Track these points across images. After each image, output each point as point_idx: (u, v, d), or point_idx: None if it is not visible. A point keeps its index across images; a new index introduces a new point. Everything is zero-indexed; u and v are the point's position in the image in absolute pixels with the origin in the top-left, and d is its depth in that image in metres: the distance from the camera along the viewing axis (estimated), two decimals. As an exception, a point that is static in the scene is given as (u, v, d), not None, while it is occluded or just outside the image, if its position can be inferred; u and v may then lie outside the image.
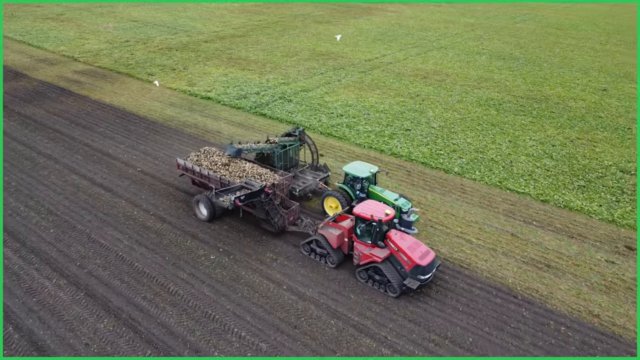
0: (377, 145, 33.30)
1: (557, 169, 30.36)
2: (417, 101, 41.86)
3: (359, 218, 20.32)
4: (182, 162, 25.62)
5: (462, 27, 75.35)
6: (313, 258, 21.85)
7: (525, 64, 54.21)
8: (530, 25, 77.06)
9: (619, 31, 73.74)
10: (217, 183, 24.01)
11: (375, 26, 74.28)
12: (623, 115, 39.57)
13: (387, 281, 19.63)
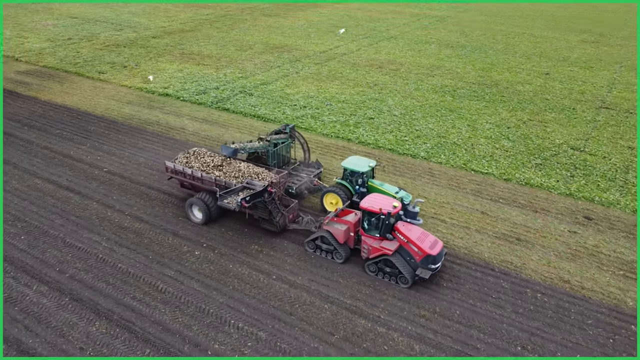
0: (344, 135, 33.98)
1: (514, 150, 32.17)
2: (376, 90, 42.86)
3: (366, 212, 20.44)
4: (171, 165, 24.56)
5: (409, 17, 77.30)
6: (319, 255, 21.60)
7: (472, 51, 56.51)
8: (471, 15, 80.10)
9: (554, 19, 77.99)
10: (211, 185, 23.31)
11: (325, 18, 74.85)
12: (567, 96, 42.22)
13: (399, 273, 19.84)
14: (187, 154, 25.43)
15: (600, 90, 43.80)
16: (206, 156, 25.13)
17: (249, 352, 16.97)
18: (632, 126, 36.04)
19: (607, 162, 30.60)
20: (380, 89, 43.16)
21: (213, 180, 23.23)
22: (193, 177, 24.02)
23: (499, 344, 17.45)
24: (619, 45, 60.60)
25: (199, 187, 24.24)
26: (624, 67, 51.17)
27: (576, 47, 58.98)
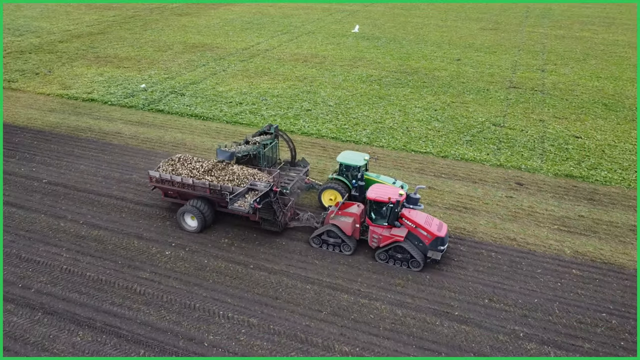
0: (286, 127, 34.76)
1: (445, 129, 34.87)
2: (306, 83, 44.00)
3: (374, 202, 21.12)
4: (156, 175, 23.26)
5: (320, 12, 79.16)
6: (325, 249, 21.88)
7: (388, 42, 59.48)
8: (379, 8, 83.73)
9: (453, 9, 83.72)
10: (204, 190, 22.59)
11: (238, 16, 74.57)
12: (479, 79, 46.12)
13: (410, 257, 20.72)
14: (171, 162, 24.27)
15: (506, 72, 48.32)
16: (194, 162, 24.28)
17: (245, 339, 17.43)
18: (540, 102, 40.35)
19: (525, 135, 34.20)
20: (310, 82, 44.36)
21: (207, 186, 22.41)
22: (183, 185, 22.96)
23: (469, 299, 19.38)
24: (514, 31, 66.75)
25: (189, 195, 23.25)
26: (522, 50, 56.65)
27: (478, 35, 64.10)
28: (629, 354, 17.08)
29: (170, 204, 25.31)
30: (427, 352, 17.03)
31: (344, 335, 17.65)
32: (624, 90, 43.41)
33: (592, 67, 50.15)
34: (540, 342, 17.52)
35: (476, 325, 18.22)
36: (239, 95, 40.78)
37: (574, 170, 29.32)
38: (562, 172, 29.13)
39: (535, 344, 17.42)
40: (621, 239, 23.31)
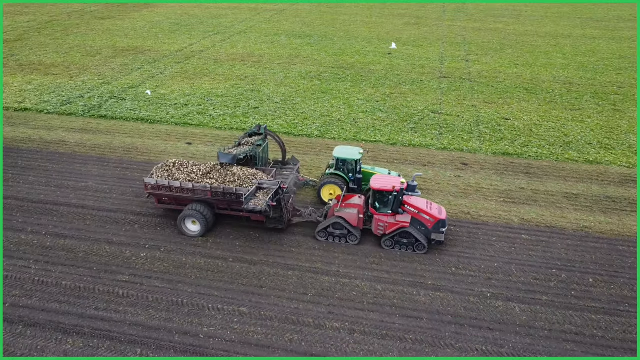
0: (237, 125, 35.17)
1: (390, 119, 36.85)
2: (248, 82, 44.42)
3: (378, 192, 22.09)
4: (152, 182, 22.70)
5: (248, 12, 79.25)
6: (331, 242, 22.50)
7: (320, 39, 61.02)
8: (305, 6, 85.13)
9: (376, 7, 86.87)
10: (205, 194, 22.42)
11: (163, 18, 72.95)
12: (412, 71, 48.79)
13: (415, 241, 21.85)
14: (165, 168, 23.91)
15: (435, 64, 51.45)
16: (190, 166, 24.07)
17: (239, 327, 18.02)
18: (469, 89, 43.53)
19: (462, 120, 36.95)
20: (252, 81, 44.83)
21: (208, 189, 22.24)
22: (182, 190, 22.62)
23: (438, 269, 21.14)
24: (435, 25, 70.74)
25: (188, 200, 22.98)
26: (445, 43, 60.34)
27: (403, 30, 67.33)
28: (579, 301, 19.54)
29: (137, 208, 25.11)
30: (408, 319, 18.50)
31: (332, 313, 18.74)
32: (539, 76, 47.78)
33: (509, 56, 54.57)
34: (506, 299, 19.59)
35: (448, 291, 19.98)
36: (183, 97, 40.48)
37: (509, 149, 32.26)
38: (499, 151, 31.95)
39: (501, 302, 19.45)
40: (557, 205, 26.20)
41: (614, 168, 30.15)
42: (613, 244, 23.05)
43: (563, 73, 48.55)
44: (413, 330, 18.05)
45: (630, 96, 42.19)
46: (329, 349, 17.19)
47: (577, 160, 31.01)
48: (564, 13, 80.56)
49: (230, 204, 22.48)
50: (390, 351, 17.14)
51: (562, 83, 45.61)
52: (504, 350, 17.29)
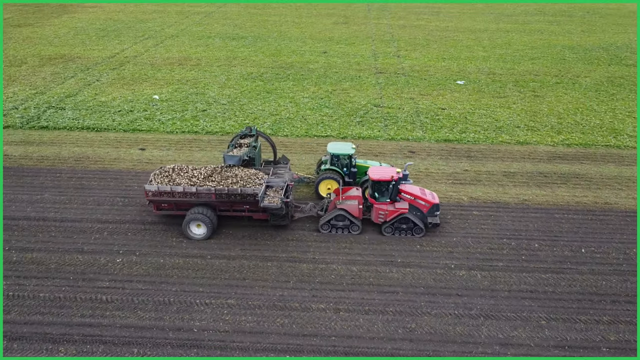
0: (189, 128, 35.33)
1: (336, 114, 38.50)
2: (191, 85, 44.37)
3: (377, 182, 23.39)
4: (153, 188, 22.56)
5: (175, 15, 77.96)
6: (334, 233, 23.55)
7: (255, 41, 61.64)
8: (233, 8, 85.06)
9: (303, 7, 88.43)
10: (209, 196, 22.60)
11: (87, 24, 70.18)
12: (349, 68, 50.79)
13: (413, 226, 23.34)
14: (164, 173, 23.89)
15: (369, 60, 53.85)
16: (190, 170, 24.22)
17: (230, 317, 18.77)
18: (405, 83, 46.16)
19: (403, 111, 39.34)
20: (194, 84, 44.80)
21: (212, 192, 22.47)
22: (185, 194, 22.66)
23: (405, 248, 22.94)
24: (363, 24, 73.50)
25: (189, 204, 23.04)
26: (375, 40, 63.07)
27: (333, 29, 69.41)
28: (529, 264, 22.08)
29: (102, 216, 24.90)
30: (386, 295, 20.11)
31: (316, 296, 19.96)
32: (465, 68, 51.47)
33: (436, 51, 58.15)
34: (468, 268, 21.74)
35: (417, 266, 21.83)
36: (126, 103, 39.83)
37: (449, 135, 34.95)
38: (441, 138, 34.55)
39: (464, 271, 21.58)
40: (499, 183, 28.98)
41: (542, 147, 33.62)
42: (550, 213, 26.03)
43: (485, 64, 52.61)
44: (392, 303, 19.68)
45: (546, 83, 46.68)
46: (319, 328, 18.40)
47: (509, 142, 34.23)
48: (479, 9, 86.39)
49: (233, 204, 22.98)
50: (375, 324, 18.63)
51: (486, 74, 49.51)
52: (473, 312, 19.33)
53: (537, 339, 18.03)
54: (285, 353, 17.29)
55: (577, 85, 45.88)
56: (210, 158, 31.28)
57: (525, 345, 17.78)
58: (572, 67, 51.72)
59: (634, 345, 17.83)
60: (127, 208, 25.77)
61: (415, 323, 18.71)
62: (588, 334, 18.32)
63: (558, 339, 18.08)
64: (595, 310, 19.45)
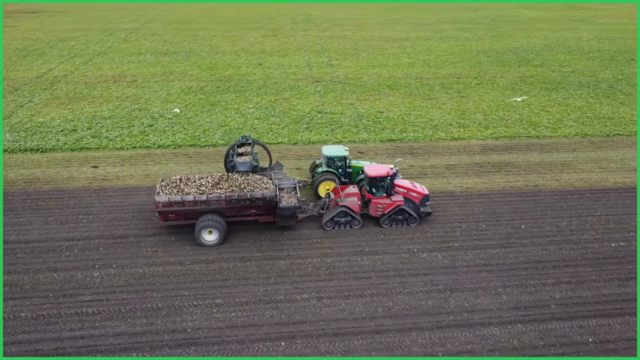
0: (139, 144, 35.35)
1: (284, 122, 40.04)
2: (132, 102, 44.06)
3: (374, 179, 25.45)
4: (164, 199, 23.07)
5: (99, 32, 75.94)
6: (337, 229, 25.14)
7: (188, 55, 61.81)
8: (157, 24, 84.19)
9: (228, 21, 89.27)
10: (219, 203, 23.52)
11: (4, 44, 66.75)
12: (286, 78, 52.58)
13: (408, 216, 25.38)
14: (171, 185, 24.51)
15: (305, 70, 55.99)
16: (197, 179, 25.01)
17: (220, 315, 19.64)
18: (342, 90, 48.65)
19: (345, 116, 41.65)
20: (135, 100, 44.52)
21: (223, 198, 23.44)
22: (195, 202, 23.36)
23: (371, 238, 24.84)
24: (292, 36, 75.75)
25: (199, 212, 23.70)
26: (307, 51, 65.42)
27: (264, 42, 71.05)
28: (480, 242, 24.78)
29: (67, 234, 24.71)
30: (361, 280, 21.86)
31: (298, 288, 21.31)
32: (395, 74, 55.01)
33: (365, 59, 61.47)
34: (429, 250, 24.04)
35: (384, 253, 23.82)
36: (67, 122, 38.97)
37: (391, 136, 37.65)
38: (384, 139, 37.16)
39: (426, 253, 23.85)
40: (442, 175, 31.87)
41: (474, 141, 37.18)
42: (490, 197, 29.16)
43: (412, 70, 56.52)
44: (367, 287, 21.46)
45: (468, 84, 51.10)
46: (306, 316, 19.76)
47: (445, 138, 37.50)
48: (397, 20, 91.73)
49: (240, 210, 24.09)
50: (356, 306, 20.30)
51: (415, 78, 53.27)
52: (439, 287, 21.55)
53: (497, 304, 20.54)
54: (279, 341, 18.48)
55: (495, 85, 50.70)
56: (168, 171, 31.67)
57: (488, 310, 20.21)
58: (488, 70, 56.89)
59: (577, 301, 20.82)
60: (93, 224, 25.71)
61: (391, 302, 20.61)
62: (538, 295, 21.11)
63: (514, 302, 20.71)
64: (541, 275, 22.38)
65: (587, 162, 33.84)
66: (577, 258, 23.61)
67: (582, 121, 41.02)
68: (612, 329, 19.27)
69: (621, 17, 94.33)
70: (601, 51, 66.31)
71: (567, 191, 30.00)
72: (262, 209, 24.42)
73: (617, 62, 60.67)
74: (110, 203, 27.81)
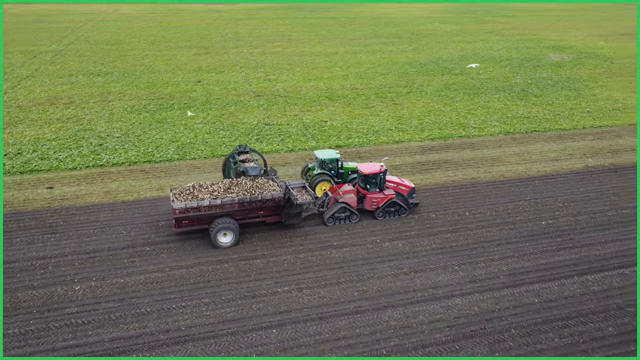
0: (92, 162, 35.30)
1: (234, 135, 41.37)
2: (75, 123, 43.46)
3: (369, 176, 28.15)
4: (181, 206, 24.42)
5: (21, 55, 72.57)
6: (338, 224, 27.58)
7: (123, 75, 61.24)
8: (81, 45, 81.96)
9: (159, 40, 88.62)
10: (233, 206, 25.27)
11: None
12: (228, 93, 53.81)
13: (399, 207, 28.31)
14: (185, 192, 25.80)
15: (245, 85, 57.54)
16: (209, 186, 26.50)
17: (211, 313, 20.81)
18: (284, 103, 50.76)
19: (292, 127, 43.73)
20: (77, 121, 43.94)
21: (236, 201, 25.23)
22: (210, 207, 24.98)
23: (336, 233, 26.94)
24: (224, 53, 76.91)
25: (212, 216, 25.18)
26: (242, 67, 66.91)
27: (198, 59, 71.65)
28: (433, 229, 27.63)
29: (36, 253, 24.68)
30: (335, 270, 23.84)
31: (278, 282, 22.90)
32: (331, 86, 57.96)
33: (300, 73, 64.05)
34: (390, 240, 26.52)
35: (350, 245, 26.00)
36: (9, 146, 37.92)
37: (339, 142, 40.15)
38: (333, 145, 39.58)
39: (388, 242, 26.30)
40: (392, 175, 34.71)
41: (413, 143, 40.60)
42: (436, 191, 32.33)
43: (347, 82, 59.83)
44: (341, 276, 23.47)
45: (399, 93, 55.04)
46: (290, 305, 21.40)
47: (387, 142, 40.61)
48: (323, 36, 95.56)
49: (250, 212, 25.84)
50: (334, 293, 22.22)
51: (350, 89, 56.52)
52: (404, 270, 24.00)
53: (455, 279, 23.31)
54: (270, 329, 19.96)
55: (424, 93, 55.05)
56: (129, 187, 32.05)
57: (449, 285, 22.90)
58: (415, 79, 61.46)
59: (521, 271, 24.05)
60: (62, 242, 25.78)
61: (365, 286, 22.75)
62: (488, 269, 24.15)
63: (469, 276, 23.58)
64: (488, 253, 25.52)
65: (512, 156, 38.20)
66: (516, 236, 27.09)
67: (504, 121, 45.92)
68: (552, 290, 22.62)
69: (525, 29, 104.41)
70: (510, 59, 73.49)
71: (499, 181, 33.86)
72: (270, 209, 26.51)
73: (525, 68, 67.70)
74: (75, 221, 27.88)
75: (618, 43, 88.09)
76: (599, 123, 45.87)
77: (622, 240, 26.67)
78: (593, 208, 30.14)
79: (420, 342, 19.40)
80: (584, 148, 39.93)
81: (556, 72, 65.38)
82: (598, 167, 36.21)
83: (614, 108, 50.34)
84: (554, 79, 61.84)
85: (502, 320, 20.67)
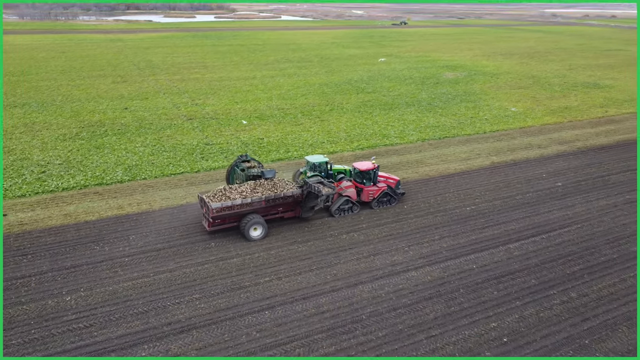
0: (42, 189, 35.35)
1: (178, 155, 43.03)
2: (8, 154, 42.55)
3: (364, 172, 33.06)
4: (218, 205, 27.47)
5: None
6: (343, 215, 31.98)
7: (42, 106, 59.75)
8: (-17, 78, 77.89)
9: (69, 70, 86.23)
10: (260, 204, 28.75)
11: None
12: (160, 118, 54.97)
13: (390, 197, 33.39)
14: (218, 194, 28.85)
15: (174, 110, 58.95)
16: (237, 187, 29.79)
17: (204, 306, 22.98)
18: (219, 124, 53.13)
19: (232, 145, 46.27)
20: (9, 152, 43.04)
21: (263, 199, 28.78)
22: (242, 205, 28.28)
23: (299, 230, 30.13)
24: (143, 81, 77.22)
25: (243, 213, 28.50)
26: (166, 94, 68.05)
27: (118, 88, 71.48)
28: (406, 217, 31.80)
29: (14, 273, 25.13)
30: (305, 261, 26.95)
31: (258, 275, 25.56)
32: (258, 107, 61.24)
33: (225, 97, 66.66)
34: (346, 232, 30.21)
35: (314, 239, 29.32)
36: (-58, 180, 36.61)
37: (280, 156, 43.46)
38: (275, 158, 42.81)
39: (345, 234, 29.97)
40: (332, 180, 38.63)
41: (346, 153, 44.99)
42: (375, 191, 36.71)
43: (272, 103, 63.51)
44: (312, 264, 26.68)
45: (323, 110, 59.73)
46: (274, 291, 24.21)
47: (322, 153, 44.62)
48: (237, 61, 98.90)
49: (271, 208, 29.58)
50: (309, 279, 25.36)
51: (277, 109, 60.23)
52: (364, 254, 27.74)
53: (408, 257, 27.50)
54: (262, 312, 22.61)
55: (345, 110, 60.25)
56: (87, 208, 32.78)
57: (403, 263, 27.02)
58: (334, 98, 66.70)
59: (458, 246, 28.85)
60: (36, 261, 26.35)
61: (335, 270, 26.16)
62: (432, 248, 28.66)
63: (418, 254, 27.91)
64: (429, 235, 30.12)
65: (432, 158, 43.97)
66: (448, 221, 32.08)
67: (419, 130, 52.11)
68: (485, 258, 27.59)
69: (418, 51, 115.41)
70: (413, 78, 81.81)
71: (418, 180, 39.10)
72: (289, 205, 30.33)
73: (427, 85, 75.96)
74: (42, 242, 28.38)
75: (497, 62, 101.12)
76: (496, 128, 53.69)
77: (530, 216, 32.68)
78: (504, 194, 36.23)
79: (391, 307, 23.16)
80: (488, 149, 46.87)
81: (454, 88, 74.23)
82: (502, 163, 42.99)
83: (506, 115, 58.96)
84: (452, 94, 70.30)
85: (451, 284, 25.11)
